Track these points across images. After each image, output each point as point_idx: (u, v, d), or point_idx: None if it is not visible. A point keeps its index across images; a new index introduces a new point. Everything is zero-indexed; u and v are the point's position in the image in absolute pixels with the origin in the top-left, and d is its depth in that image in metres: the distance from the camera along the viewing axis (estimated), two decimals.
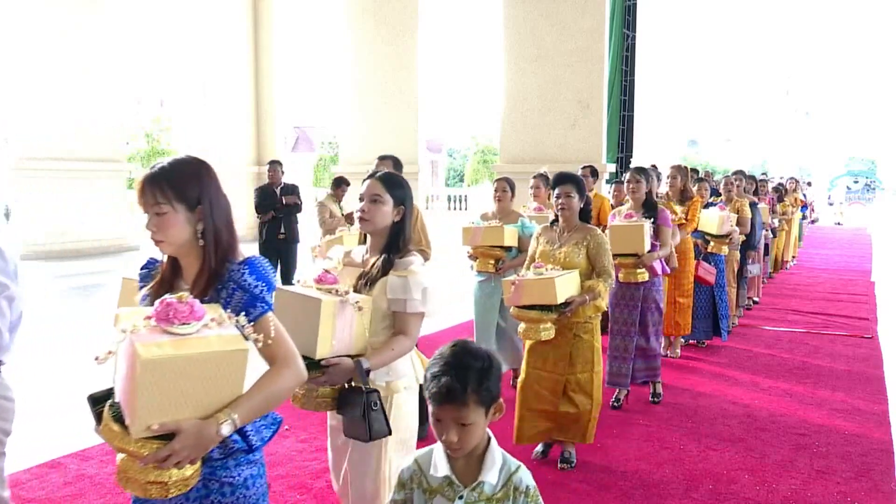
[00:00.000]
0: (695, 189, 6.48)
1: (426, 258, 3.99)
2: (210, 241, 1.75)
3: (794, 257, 13.31)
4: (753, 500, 3.53)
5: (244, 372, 1.59)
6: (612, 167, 11.78)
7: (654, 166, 7.26)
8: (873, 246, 17.80)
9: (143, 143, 32.22)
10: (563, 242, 3.80)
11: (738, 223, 6.95)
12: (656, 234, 4.83)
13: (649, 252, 4.65)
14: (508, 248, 4.92)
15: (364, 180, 2.53)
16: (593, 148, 11.67)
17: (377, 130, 14.26)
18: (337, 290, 2.25)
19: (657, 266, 4.80)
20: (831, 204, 37.10)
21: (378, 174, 2.55)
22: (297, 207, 7.80)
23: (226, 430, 1.56)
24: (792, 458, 4.05)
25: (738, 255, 7.25)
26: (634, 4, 12.37)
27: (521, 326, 3.67)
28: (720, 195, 7.28)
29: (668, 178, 6.18)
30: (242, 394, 1.62)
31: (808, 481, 3.75)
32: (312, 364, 2.11)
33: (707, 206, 6.56)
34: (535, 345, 3.79)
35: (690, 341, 6.61)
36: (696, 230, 6.18)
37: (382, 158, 4.72)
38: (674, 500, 3.51)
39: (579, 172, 6.18)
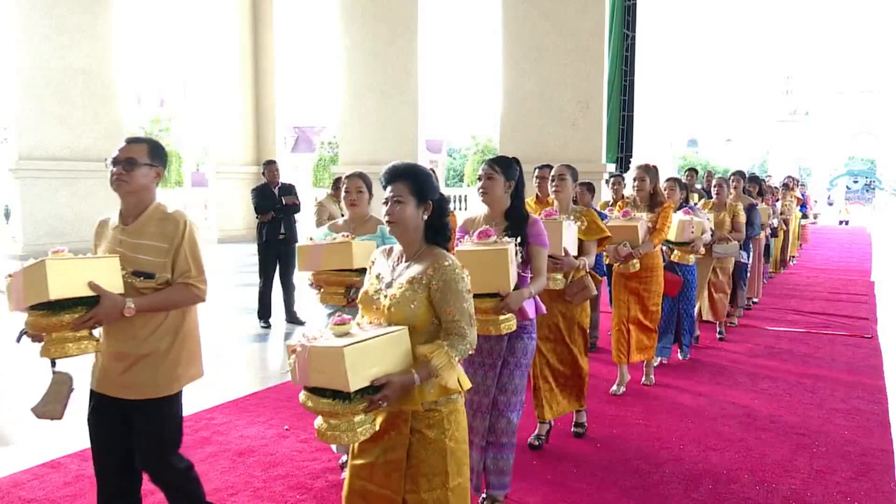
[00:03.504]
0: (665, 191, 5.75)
1: (196, 296, 2.64)
2: None
3: (793, 257, 13.32)
4: (753, 500, 3.52)
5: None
6: (612, 167, 11.79)
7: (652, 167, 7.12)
8: (873, 246, 17.80)
9: None
10: (397, 276, 2.35)
11: (733, 228, 6.64)
12: (527, 259, 3.26)
13: (517, 289, 3.05)
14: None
15: None
16: (593, 148, 11.69)
17: (377, 130, 14.27)
18: None
19: (528, 307, 3.24)
20: (831, 204, 37.13)
21: None
22: (297, 207, 7.80)
23: None
24: (792, 458, 4.05)
25: (731, 261, 6.84)
26: (634, 4, 12.38)
27: (318, 423, 2.17)
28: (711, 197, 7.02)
29: (633, 179, 5.25)
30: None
31: (808, 481, 3.75)
32: None
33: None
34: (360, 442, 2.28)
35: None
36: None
37: None
38: (674, 500, 3.51)
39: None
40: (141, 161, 2.61)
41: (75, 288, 2.36)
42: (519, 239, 3.18)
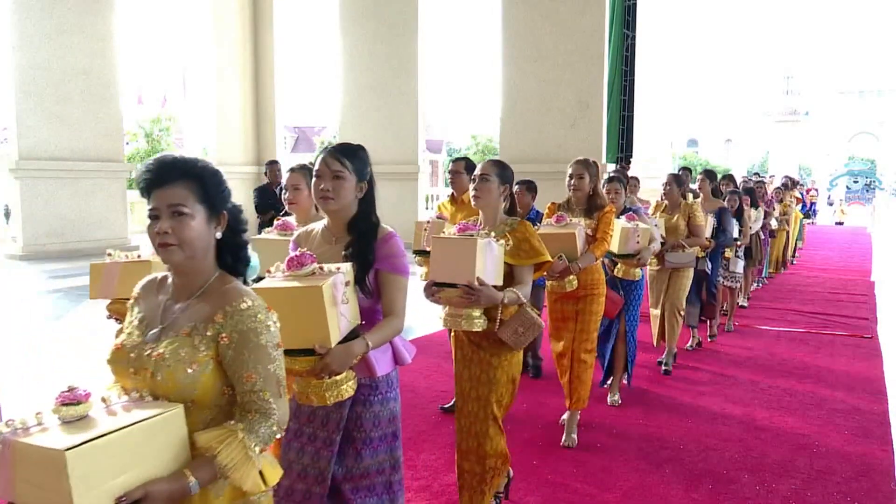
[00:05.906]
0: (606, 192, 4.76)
1: None
2: None
3: (793, 257, 13.33)
4: (753, 501, 3.52)
5: None
6: (612, 167, 11.79)
7: (623, 167, 6.88)
8: (873, 246, 17.79)
9: (143, 143, 32.27)
10: (169, 324, 1.62)
11: (690, 233, 5.70)
12: (377, 291, 2.24)
13: (348, 340, 2.06)
14: None
15: None
16: (593, 148, 11.70)
17: (377, 130, 14.28)
18: None
19: (378, 360, 2.26)
20: (831, 204, 37.18)
21: None
22: None
23: None
24: (792, 458, 4.05)
25: (689, 276, 5.78)
26: (634, 4, 12.40)
27: None
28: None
29: (569, 177, 4.24)
30: None
31: (808, 481, 3.75)
32: None
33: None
34: None
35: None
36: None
37: None
38: (674, 500, 3.51)
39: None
40: None
41: None
42: (356, 263, 2.18)
